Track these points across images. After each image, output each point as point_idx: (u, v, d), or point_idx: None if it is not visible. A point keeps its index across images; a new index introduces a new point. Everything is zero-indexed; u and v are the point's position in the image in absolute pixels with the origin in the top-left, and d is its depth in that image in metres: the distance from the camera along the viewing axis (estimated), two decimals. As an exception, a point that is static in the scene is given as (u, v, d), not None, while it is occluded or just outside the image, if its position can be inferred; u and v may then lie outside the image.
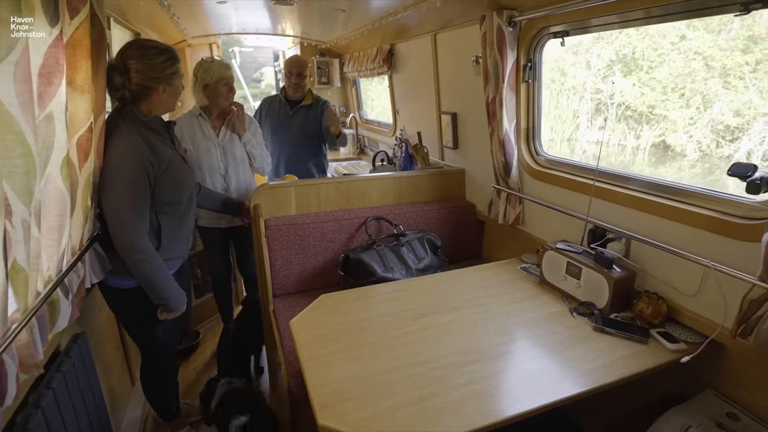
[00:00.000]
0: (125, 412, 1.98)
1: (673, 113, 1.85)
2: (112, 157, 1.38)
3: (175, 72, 1.46)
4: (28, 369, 0.99)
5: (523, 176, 1.98)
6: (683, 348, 1.26)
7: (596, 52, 2.18)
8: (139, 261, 1.41)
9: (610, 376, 1.17)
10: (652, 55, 1.89)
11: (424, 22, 2.45)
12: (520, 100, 1.86)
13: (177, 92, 1.51)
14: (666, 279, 1.39)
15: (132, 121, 1.42)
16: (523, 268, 1.82)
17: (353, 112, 4.67)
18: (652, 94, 1.95)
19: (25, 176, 0.89)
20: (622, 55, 2.06)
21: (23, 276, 0.94)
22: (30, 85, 0.86)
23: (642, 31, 1.87)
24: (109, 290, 1.56)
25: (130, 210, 1.39)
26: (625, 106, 2.09)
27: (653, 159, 1.97)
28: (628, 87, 2.07)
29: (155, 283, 1.46)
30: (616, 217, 1.54)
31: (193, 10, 2.66)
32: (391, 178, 2.35)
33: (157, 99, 1.45)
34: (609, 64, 2.13)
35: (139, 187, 1.40)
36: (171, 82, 1.46)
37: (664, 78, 1.87)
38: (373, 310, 1.51)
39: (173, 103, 1.52)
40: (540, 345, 1.31)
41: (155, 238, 1.50)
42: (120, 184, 1.38)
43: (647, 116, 1.98)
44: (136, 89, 1.40)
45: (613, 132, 2.16)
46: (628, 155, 2.12)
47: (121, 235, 1.39)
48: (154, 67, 1.40)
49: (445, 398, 1.08)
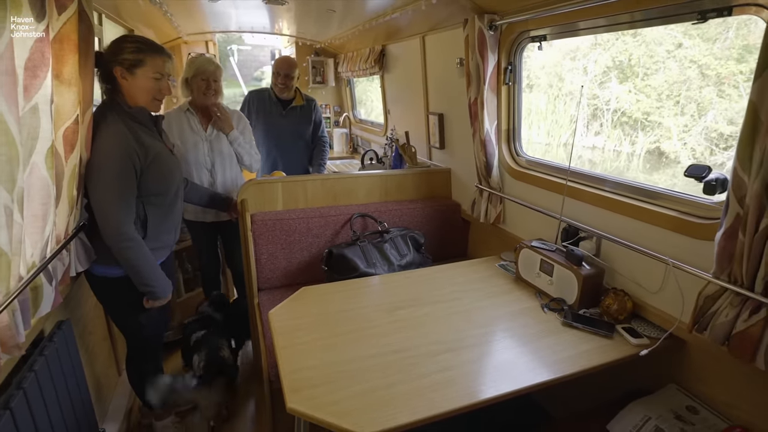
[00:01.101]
0: (111, 400, 2.01)
1: (667, 120, 1.88)
2: (98, 147, 1.41)
3: (136, 60, 1.43)
4: (9, 350, 1.03)
5: (503, 176, 2.03)
6: (645, 343, 1.31)
7: (593, 58, 2.22)
8: (126, 249, 1.44)
9: (575, 367, 1.22)
10: (648, 63, 1.93)
11: (413, 24, 2.50)
12: (501, 101, 1.91)
13: (144, 86, 1.47)
14: (632, 276, 1.44)
15: (118, 113, 1.45)
16: (501, 265, 1.86)
17: (347, 111, 4.71)
18: (648, 100, 1.99)
19: (8, 164, 0.93)
20: (618, 61, 2.10)
21: (5, 260, 0.98)
22: (14, 78, 0.90)
23: (638, 38, 1.92)
24: (96, 279, 1.58)
25: (117, 199, 1.42)
26: (621, 112, 2.14)
27: (648, 165, 2.01)
28: (624, 93, 2.12)
29: (141, 271, 1.49)
30: (588, 216, 1.59)
31: (187, 7, 2.70)
32: (378, 176, 2.39)
33: (124, 86, 1.45)
34: (605, 70, 2.17)
35: (125, 176, 1.42)
36: (131, 71, 1.44)
37: (659, 85, 1.90)
38: (352, 303, 1.56)
39: (144, 98, 1.49)
40: (510, 337, 1.35)
41: (141, 227, 1.53)
42: (106, 173, 1.40)
43: (642, 123, 2.02)
44: (101, 74, 1.45)
45: (609, 138, 2.21)
46: (623, 161, 2.16)
47: (108, 224, 1.41)
48: (113, 49, 1.43)
49: (413, 384, 1.13)
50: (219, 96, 2.19)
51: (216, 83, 2.13)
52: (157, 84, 1.49)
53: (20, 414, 1.09)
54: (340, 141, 4.66)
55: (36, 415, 1.18)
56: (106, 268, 1.54)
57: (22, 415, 1.11)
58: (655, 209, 1.35)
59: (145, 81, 1.46)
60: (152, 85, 1.48)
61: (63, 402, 1.37)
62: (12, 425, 1.05)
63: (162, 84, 1.50)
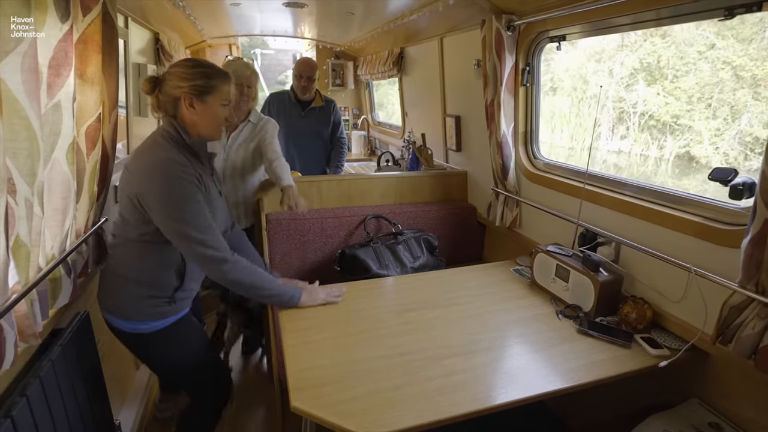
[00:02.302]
0: (127, 393, 2.06)
1: (698, 124, 1.82)
2: (159, 177, 1.21)
3: (206, 86, 1.26)
4: (27, 338, 1.06)
5: (520, 179, 1.99)
6: (665, 354, 1.25)
7: (620, 60, 2.17)
8: (227, 272, 1.29)
9: (589, 376, 1.17)
10: (678, 64, 1.87)
11: (431, 26, 2.49)
12: (519, 103, 1.87)
13: (213, 115, 1.30)
14: (653, 284, 1.39)
15: (176, 143, 1.28)
16: (516, 269, 1.82)
17: (366, 114, 4.73)
18: (677, 103, 1.93)
19: (29, 158, 0.96)
20: (647, 63, 2.04)
21: (25, 251, 1.01)
22: (36, 75, 0.94)
23: (668, 39, 1.86)
24: (127, 336, 1.40)
25: (199, 223, 1.24)
26: (648, 116, 2.08)
27: (677, 170, 1.95)
28: (651, 96, 2.05)
29: (256, 285, 1.35)
30: (607, 221, 1.54)
31: (210, 11, 2.77)
32: (394, 177, 2.38)
33: (187, 115, 1.28)
34: (633, 72, 2.12)
35: (197, 199, 1.25)
36: (202, 99, 1.26)
37: (689, 87, 1.84)
38: (362, 303, 1.55)
39: (211, 128, 1.32)
40: (522, 343, 1.32)
41: (177, 276, 1.36)
42: (179, 201, 1.22)
43: (671, 126, 1.96)
44: (164, 99, 1.28)
45: (636, 142, 2.14)
46: (651, 166, 2.10)
47: (204, 255, 1.25)
48: (180, 74, 1.26)
49: (419, 387, 1.11)
50: (252, 102, 2.07)
51: (250, 89, 2.02)
52: (224, 111, 1.33)
53: (36, 402, 1.12)
54: (358, 143, 4.68)
55: (51, 404, 1.21)
56: (135, 323, 1.36)
57: (38, 403, 1.14)
58: (678, 214, 1.29)
59: (215, 109, 1.30)
60: (221, 113, 1.32)
61: (79, 393, 1.41)
62: (28, 413, 1.08)
63: (228, 111, 1.36)
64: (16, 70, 0.89)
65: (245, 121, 2.06)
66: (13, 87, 0.89)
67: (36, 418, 1.12)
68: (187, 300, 1.46)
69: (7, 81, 0.87)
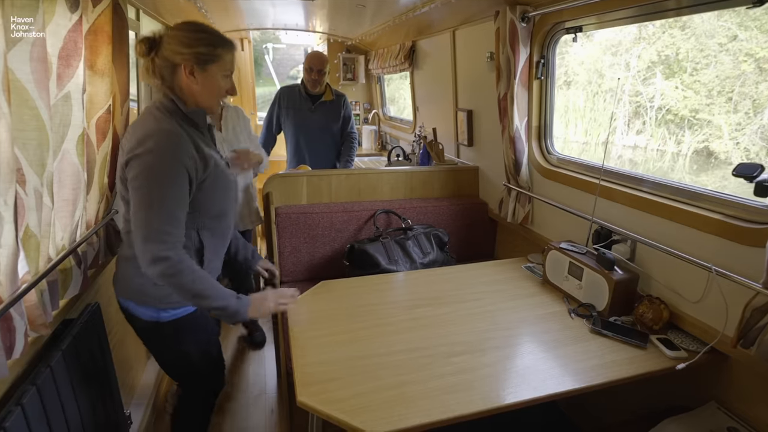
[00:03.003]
0: (137, 385, 2.09)
1: (718, 118, 1.76)
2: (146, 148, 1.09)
3: (210, 55, 1.16)
4: (37, 327, 1.07)
5: (533, 175, 1.94)
6: (683, 356, 1.21)
7: (636, 53, 2.11)
8: (169, 276, 1.13)
9: (603, 377, 1.14)
10: (698, 57, 1.80)
11: (443, 19, 2.44)
12: (532, 97, 1.83)
13: (214, 85, 1.20)
14: (670, 284, 1.34)
15: (172, 113, 1.18)
16: (528, 267, 1.79)
17: (376, 108, 4.70)
18: (696, 97, 1.87)
19: (38, 148, 0.96)
20: (665, 56, 1.98)
21: (35, 241, 1.02)
22: (45, 65, 0.93)
23: (687, 31, 1.80)
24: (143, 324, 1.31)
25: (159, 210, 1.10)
26: (666, 110, 2.02)
27: (695, 166, 1.89)
28: (669, 90, 1.99)
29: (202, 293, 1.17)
30: (623, 218, 1.49)
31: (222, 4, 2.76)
32: (404, 172, 2.36)
33: (185, 83, 1.17)
34: (650, 65, 2.05)
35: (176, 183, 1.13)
36: (204, 67, 1.16)
37: (709, 81, 1.78)
38: (371, 299, 1.53)
39: (211, 99, 1.22)
40: (532, 342, 1.29)
41: (197, 257, 1.27)
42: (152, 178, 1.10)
43: (690, 121, 1.90)
44: (161, 63, 1.16)
45: (652, 137, 2.09)
46: (668, 161, 2.04)
47: (143, 242, 1.10)
48: (181, 39, 1.14)
49: (425, 385, 1.09)
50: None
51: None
52: (226, 82, 1.23)
53: (46, 391, 1.13)
54: (369, 138, 4.66)
55: (62, 393, 1.22)
56: (156, 310, 1.27)
57: (49, 392, 1.15)
58: (698, 211, 1.25)
59: (217, 80, 1.20)
60: (222, 84, 1.22)
61: (89, 382, 1.42)
62: (38, 401, 1.09)
63: (230, 82, 1.24)
64: (25, 60, 0.88)
65: (224, 108, 2.06)
66: (22, 77, 0.89)
67: (46, 406, 1.13)
68: None
69: (15, 71, 0.87)
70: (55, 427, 1.16)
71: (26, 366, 1.14)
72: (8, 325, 0.92)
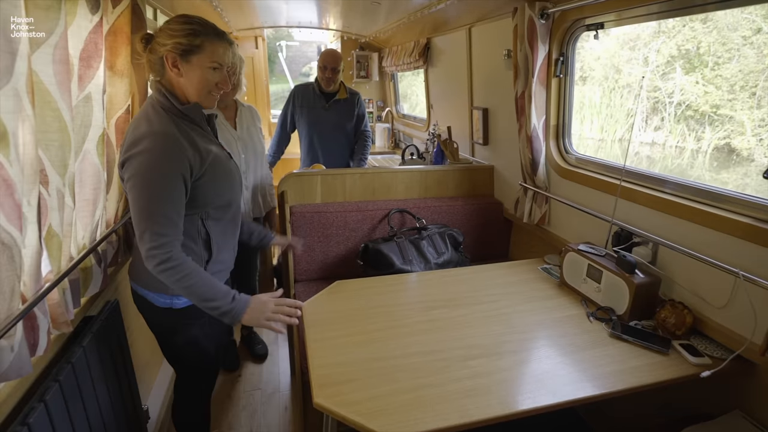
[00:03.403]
0: (154, 379, 2.12)
1: (740, 114, 1.71)
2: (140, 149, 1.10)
3: (190, 45, 1.13)
4: (59, 326, 1.09)
5: (550, 174, 1.91)
6: (707, 363, 1.18)
7: (655, 47, 2.05)
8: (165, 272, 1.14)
9: (623, 383, 1.11)
10: (720, 51, 1.75)
11: (459, 15, 2.41)
12: (551, 95, 1.79)
13: (199, 78, 1.17)
14: (694, 288, 1.31)
15: (166, 110, 1.17)
16: (545, 268, 1.76)
17: (390, 106, 4.68)
18: (718, 92, 1.82)
19: (60, 149, 0.98)
20: (685, 50, 1.93)
21: (57, 241, 1.03)
22: (67, 67, 0.94)
23: (709, 24, 1.74)
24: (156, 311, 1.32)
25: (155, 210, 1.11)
26: (686, 106, 1.96)
27: (715, 163, 1.84)
28: (689, 85, 1.94)
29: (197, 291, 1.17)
30: (644, 220, 1.46)
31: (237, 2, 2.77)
32: (418, 171, 2.34)
33: (173, 77, 1.16)
34: (669, 60, 2.00)
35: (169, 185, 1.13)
36: (186, 58, 1.14)
37: (732, 75, 1.72)
38: (386, 299, 1.53)
39: (198, 92, 1.19)
40: (550, 346, 1.27)
41: (205, 247, 1.28)
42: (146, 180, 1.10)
43: (710, 117, 1.85)
44: (152, 58, 1.15)
45: (671, 133, 2.03)
46: (686, 158, 1.99)
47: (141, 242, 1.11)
48: (166, 31, 1.13)
49: (442, 389, 1.08)
50: (237, 91, 1.96)
51: (234, 75, 1.87)
52: (213, 75, 1.19)
53: (68, 387, 1.16)
54: (382, 136, 4.65)
55: (83, 389, 1.25)
56: (170, 297, 1.28)
57: (70, 388, 1.17)
58: (725, 214, 1.21)
59: (202, 71, 1.16)
60: (208, 77, 1.18)
61: (109, 378, 1.45)
62: (60, 398, 1.11)
63: (219, 75, 1.20)
64: (48, 62, 0.89)
65: (238, 107, 2.04)
66: (45, 79, 0.90)
67: (68, 402, 1.15)
68: (220, 274, 1.37)
69: (39, 73, 0.88)
70: (76, 422, 1.18)
71: (48, 362, 1.17)
72: (32, 323, 0.94)
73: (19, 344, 0.87)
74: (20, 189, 0.82)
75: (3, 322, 0.81)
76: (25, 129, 0.81)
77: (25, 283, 0.91)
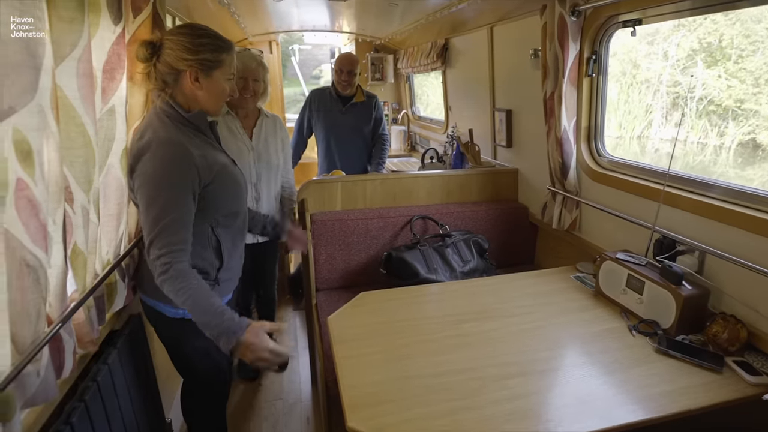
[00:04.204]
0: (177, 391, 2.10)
1: (766, 108, 1.63)
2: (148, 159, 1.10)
3: (214, 61, 1.16)
4: (85, 345, 1.06)
5: (581, 178, 1.83)
6: (766, 382, 1.09)
7: (675, 41, 1.97)
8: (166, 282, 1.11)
9: (675, 406, 1.04)
10: (744, 43, 1.66)
11: (480, 15, 2.35)
12: (582, 96, 1.72)
13: (218, 90, 1.20)
14: (748, 301, 1.22)
15: (172, 119, 1.16)
16: (577, 277, 1.68)
17: (405, 108, 4.63)
18: (741, 86, 1.73)
19: (84, 165, 0.95)
20: (707, 43, 1.84)
21: (82, 259, 1.00)
22: (91, 80, 0.92)
23: (732, 16, 1.66)
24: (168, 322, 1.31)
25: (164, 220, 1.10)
26: (708, 101, 1.88)
27: (739, 159, 1.75)
28: (712, 79, 1.85)
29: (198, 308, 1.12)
30: (689, 227, 1.37)
31: (253, 8, 2.76)
32: (440, 176, 2.28)
33: (189, 89, 1.16)
34: (690, 54, 1.91)
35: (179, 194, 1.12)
36: (208, 73, 1.16)
37: (756, 68, 1.64)
38: (413, 312, 1.47)
39: (214, 104, 1.22)
40: (592, 363, 1.20)
41: (216, 256, 1.27)
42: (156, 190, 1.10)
43: (734, 111, 1.76)
44: (163, 69, 1.14)
45: (692, 129, 1.95)
46: (709, 155, 1.90)
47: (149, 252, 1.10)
48: (186, 45, 1.12)
49: (480, 413, 1.02)
50: (259, 99, 1.92)
51: (256, 83, 1.86)
52: (228, 85, 1.23)
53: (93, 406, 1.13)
54: (398, 138, 4.60)
55: (107, 407, 1.22)
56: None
57: (96, 407, 1.15)
58: (782, 222, 1.12)
59: (221, 84, 1.20)
60: (225, 87, 1.22)
61: (133, 393, 1.43)
62: (86, 419, 1.09)
63: (231, 85, 1.25)
64: (72, 75, 0.87)
65: (261, 116, 1.98)
66: (70, 93, 0.87)
67: (94, 422, 1.13)
68: (230, 282, 1.38)
69: (63, 87, 0.85)
70: (102, 442, 1.16)
71: (74, 381, 1.14)
72: (58, 345, 0.91)
73: (45, 368, 0.84)
74: (45, 208, 0.79)
75: (29, 347, 0.78)
76: (49, 146, 0.78)
77: (50, 305, 0.88)
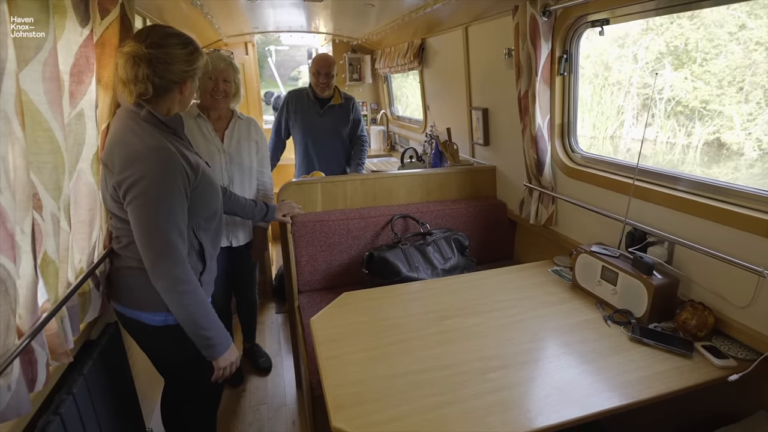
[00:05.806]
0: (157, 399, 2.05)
1: (729, 109, 1.70)
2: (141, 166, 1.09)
3: (200, 67, 1.22)
4: (58, 356, 1.03)
5: (556, 174, 1.88)
6: (732, 365, 1.15)
7: (644, 44, 2.04)
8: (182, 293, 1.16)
9: (649, 391, 1.08)
10: (707, 47, 1.74)
11: (455, 15, 2.38)
12: (555, 94, 1.76)
13: (194, 92, 1.28)
14: (714, 288, 1.28)
15: (152, 124, 1.17)
16: (555, 271, 1.73)
17: (384, 108, 4.64)
18: (706, 88, 1.81)
19: (54, 172, 0.92)
20: (673, 47, 1.92)
21: (53, 268, 0.97)
22: (58, 84, 0.89)
23: (696, 20, 1.73)
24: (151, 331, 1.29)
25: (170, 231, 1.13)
26: (675, 102, 1.95)
27: (705, 158, 1.83)
28: (679, 81, 1.93)
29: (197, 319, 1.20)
30: (659, 219, 1.43)
31: (227, 8, 2.71)
32: (419, 175, 2.30)
33: (178, 97, 1.21)
34: (658, 56, 1.99)
35: (177, 202, 1.15)
36: (194, 79, 1.23)
37: (720, 71, 1.72)
38: (396, 311, 1.48)
39: (187, 104, 1.28)
40: (570, 354, 1.23)
41: (199, 259, 1.28)
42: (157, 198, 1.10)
43: (700, 112, 1.84)
44: (160, 83, 1.14)
45: (662, 129, 2.02)
46: (678, 154, 1.98)
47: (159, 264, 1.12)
48: (183, 57, 1.16)
49: (464, 406, 1.04)
50: (231, 100, 1.90)
51: (226, 84, 1.83)
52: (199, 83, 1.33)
53: (70, 418, 1.10)
54: (377, 138, 4.60)
55: (85, 419, 1.19)
56: (165, 315, 1.25)
57: (72, 419, 1.11)
58: (744, 212, 1.18)
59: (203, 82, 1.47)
60: (197, 87, 1.31)
61: (111, 403, 1.39)
62: (62, 430, 1.05)
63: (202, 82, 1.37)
64: (38, 79, 0.84)
65: (234, 118, 1.95)
66: (35, 98, 0.84)
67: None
68: (210, 285, 1.40)
69: (28, 92, 0.82)
70: (80, 456, 1.12)
71: (48, 393, 1.10)
72: (30, 357, 0.88)
73: (16, 382, 0.81)
74: (12, 217, 0.76)
75: (-1, 361, 0.76)
76: (15, 153, 0.76)
77: (20, 316, 0.85)
